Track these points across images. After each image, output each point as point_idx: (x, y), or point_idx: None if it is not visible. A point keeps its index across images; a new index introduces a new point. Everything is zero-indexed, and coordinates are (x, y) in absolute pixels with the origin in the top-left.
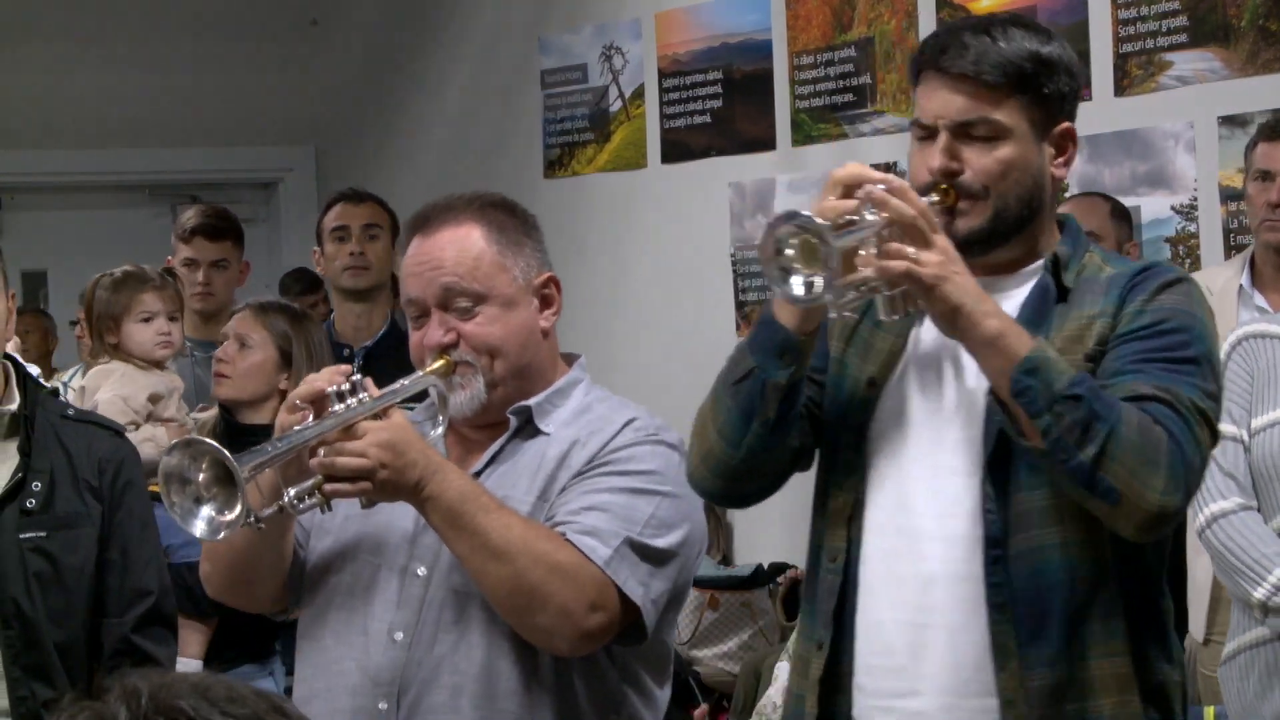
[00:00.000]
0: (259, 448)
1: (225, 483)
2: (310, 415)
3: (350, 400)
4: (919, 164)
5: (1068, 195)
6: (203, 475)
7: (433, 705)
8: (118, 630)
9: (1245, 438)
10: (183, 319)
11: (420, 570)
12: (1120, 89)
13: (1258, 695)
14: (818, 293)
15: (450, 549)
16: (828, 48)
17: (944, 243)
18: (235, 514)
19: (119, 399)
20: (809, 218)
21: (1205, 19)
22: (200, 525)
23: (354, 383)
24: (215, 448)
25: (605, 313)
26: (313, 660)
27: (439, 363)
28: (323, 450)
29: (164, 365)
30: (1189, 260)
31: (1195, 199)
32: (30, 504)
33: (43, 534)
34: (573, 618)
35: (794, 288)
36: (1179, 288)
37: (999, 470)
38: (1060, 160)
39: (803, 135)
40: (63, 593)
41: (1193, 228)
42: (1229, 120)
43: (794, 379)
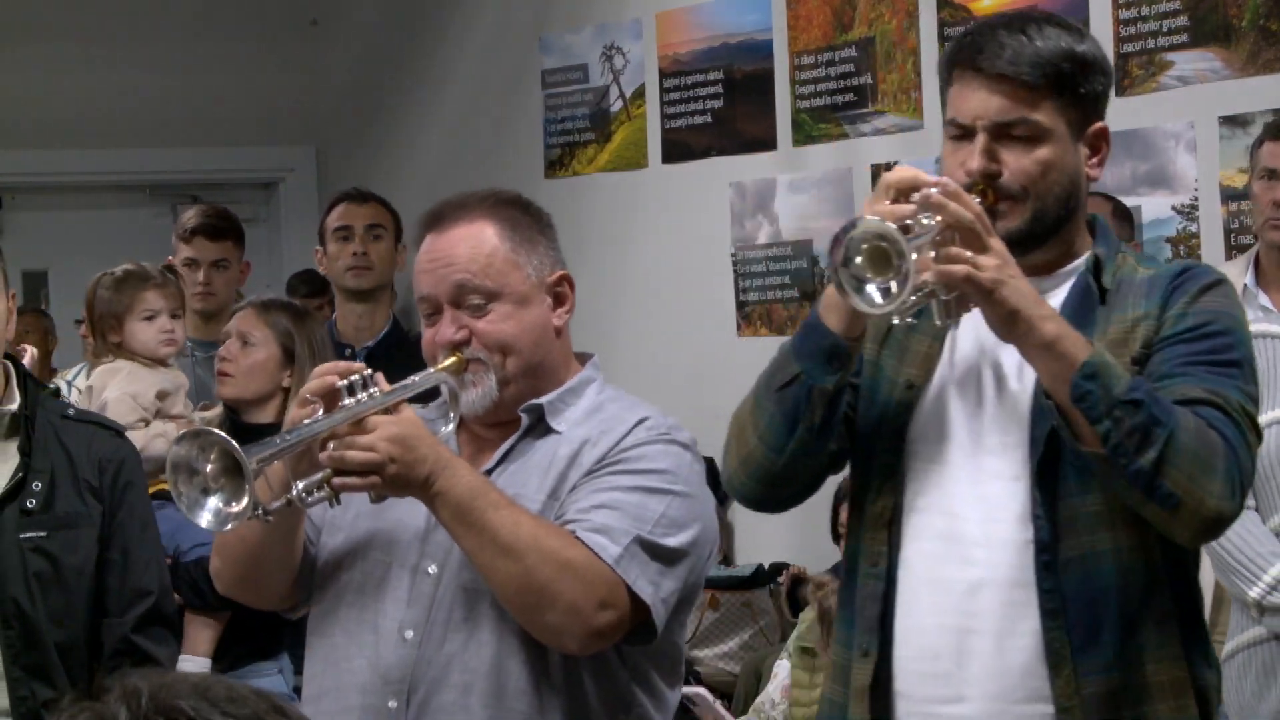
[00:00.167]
0: (268, 440)
1: (233, 474)
2: (320, 409)
3: (361, 395)
4: (954, 164)
5: None
6: (210, 466)
7: (442, 704)
8: (118, 630)
9: None
10: (185, 316)
11: (431, 568)
12: (1121, 89)
13: (1255, 695)
14: (897, 298)
15: (459, 545)
16: (828, 48)
17: (1000, 245)
18: (242, 506)
19: (128, 397)
20: (880, 223)
21: (1206, 19)
22: (207, 516)
23: (365, 377)
24: (223, 438)
25: (606, 313)
26: (322, 657)
27: (451, 360)
28: (332, 444)
29: (167, 363)
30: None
31: (1196, 199)
32: (30, 504)
33: (43, 534)
34: (582, 615)
35: (873, 296)
36: (1219, 289)
37: (1047, 475)
38: (1094, 160)
39: (803, 135)
40: (63, 593)
41: (1193, 228)
42: (1230, 120)
43: (840, 384)
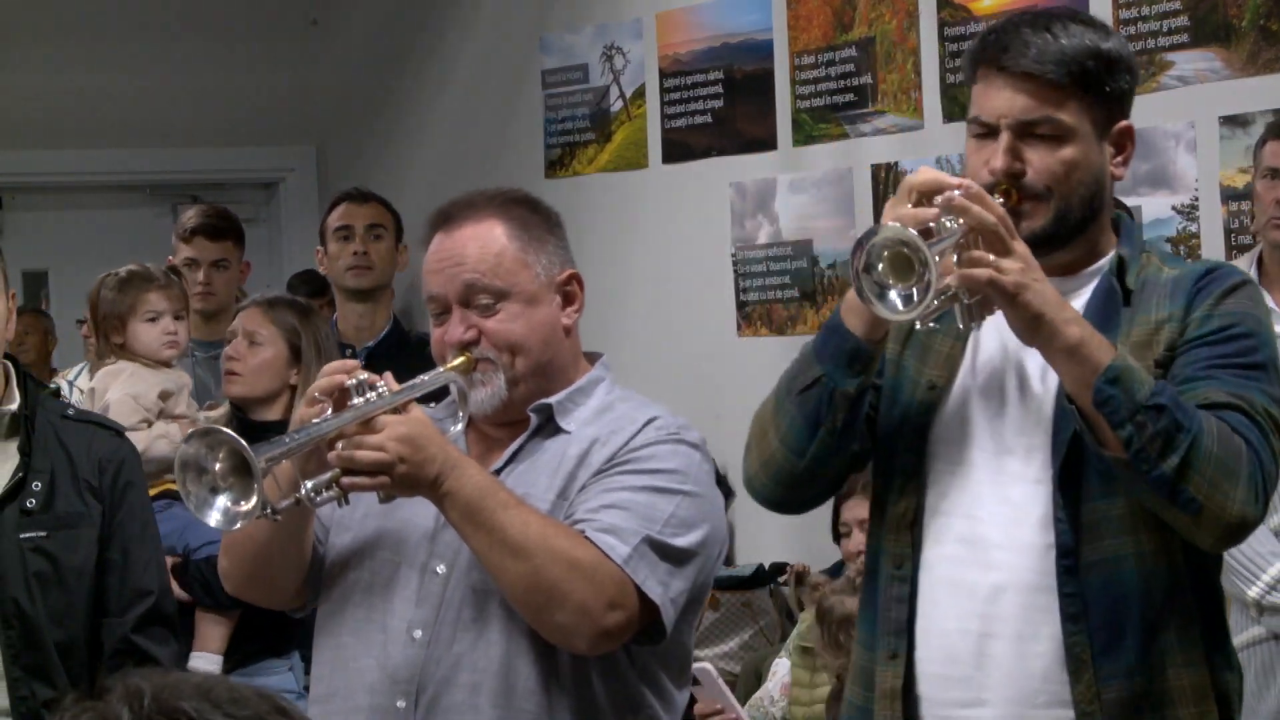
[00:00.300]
0: (277, 439)
1: (242, 473)
2: (329, 408)
3: (369, 394)
4: (977, 162)
5: None
6: (219, 465)
7: (451, 704)
8: (118, 630)
9: None
10: (188, 317)
11: (440, 568)
12: None
13: (1254, 694)
14: (919, 305)
15: (468, 545)
16: (828, 47)
17: (1023, 249)
18: (251, 505)
19: (129, 398)
20: (902, 229)
21: (1206, 19)
22: (215, 515)
23: (373, 378)
24: (232, 437)
25: (606, 313)
26: (330, 657)
27: (460, 359)
28: (341, 443)
29: (171, 364)
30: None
31: (1196, 199)
32: (30, 504)
33: (43, 534)
34: (591, 615)
35: (896, 303)
36: (1244, 291)
37: (1069, 479)
38: (1119, 159)
39: (804, 135)
40: (63, 592)
41: (1194, 228)
42: (1230, 120)
43: (862, 387)
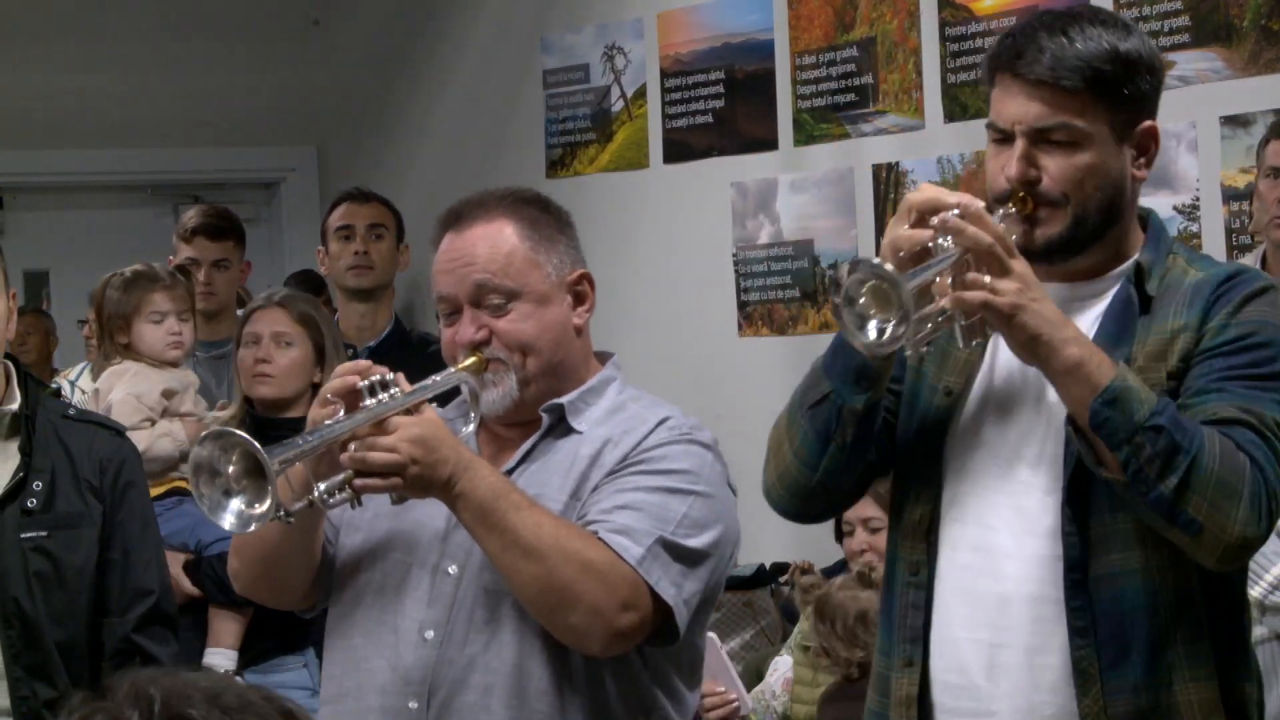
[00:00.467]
0: (289, 441)
1: (255, 475)
2: (341, 409)
3: (382, 395)
4: (995, 168)
5: None
6: (233, 467)
7: (463, 705)
8: (119, 630)
9: None
10: (194, 318)
11: (451, 568)
12: None
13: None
14: (892, 337)
15: (481, 547)
16: (829, 47)
17: (1021, 268)
18: (265, 507)
19: (131, 398)
20: (879, 265)
21: (1207, 19)
22: (229, 518)
23: (385, 378)
24: (246, 440)
25: (607, 313)
26: (342, 658)
27: (471, 360)
28: (354, 445)
29: (177, 364)
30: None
31: (1197, 199)
32: (31, 503)
33: (44, 533)
34: (604, 617)
35: (869, 333)
36: (1265, 298)
37: (1078, 490)
38: (1142, 161)
39: (805, 135)
40: (64, 592)
41: (1195, 228)
42: (1231, 120)
43: (871, 403)
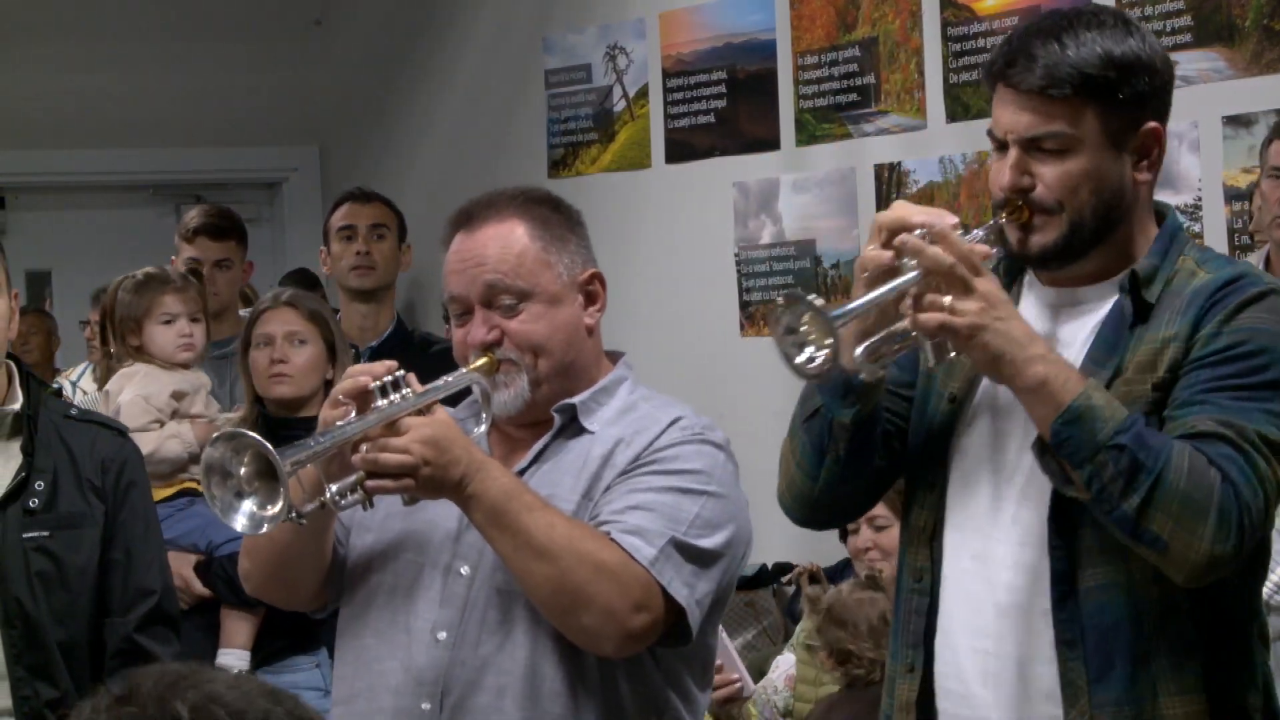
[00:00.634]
0: (302, 442)
1: (267, 477)
2: (353, 410)
3: (393, 396)
4: (996, 176)
5: None
6: (245, 469)
7: (477, 706)
8: (121, 630)
9: None
10: (205, 320)
11: (464, 569)
12: None
13: None
14: (818, 368)
15: (493, 548)
16: (831, 47)
17: (986, 286)
18: (277, 509)
19: (140, 399)
20: (808, 302)
21: (1210, 19)
22: (241, 519)
23: (397, 378)
24: (258, 441)
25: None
26: (353, 659)
27: (482, 360)
28: (365, 446)
29: (189, 366)
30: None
31: (1200, 199)
32: (33, 503)
33: (46, 533)
34: (617, 618)
35: (798, 356)
36: (1264, 303)
37: (1066, 502)
38: (1145, 163)
39: (807, 135)
40: (66, 592)
41: (1197, 228)
42: (1233, 120)
43: (861, 417)
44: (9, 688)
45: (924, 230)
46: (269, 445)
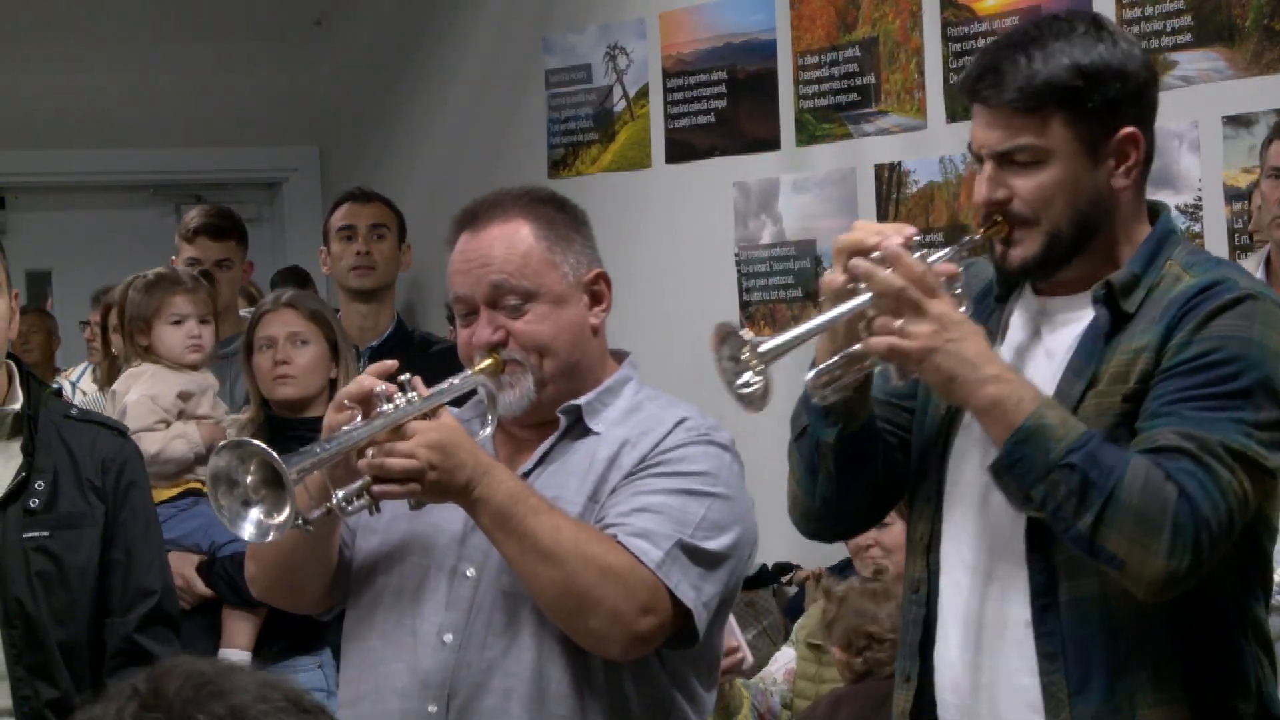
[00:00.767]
0: (307, 449)
1: (273, 485)
2: (358, 415)
3: (399, 400)
4: (975, 190)
5: None
6: (250, 477)
7: (483, 709)
8: (121, 630)
9: None
10: (215, 322)
11: (469, 571)
12: None
13: None
14: (751, 395)
15: (500, 551)
16: (832, 47)
17: (940, 308)
18: (283, 517)
19: (147, 399)
20: (739, 336)
21: (1210, 19)
22: (248, 528)
23: (402, 382)
24: (263, 449)
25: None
26: (359, 661)
27: (488, 361)
28: (371, 451)
29: (197, 367)
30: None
31: (1200, 199)
32: (33, 503)
33: (46, 533)
34: (624, 621)
35: (737, 382)
36: (1237, 309)
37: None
38: (1122, 169)
39: (807, 135)
40: (66, 592)
41: (1197, 228)
42: (1233, 120)
43: (846, 435)
44: (9, 688)
45: (879, 253)
46: (275, 454)
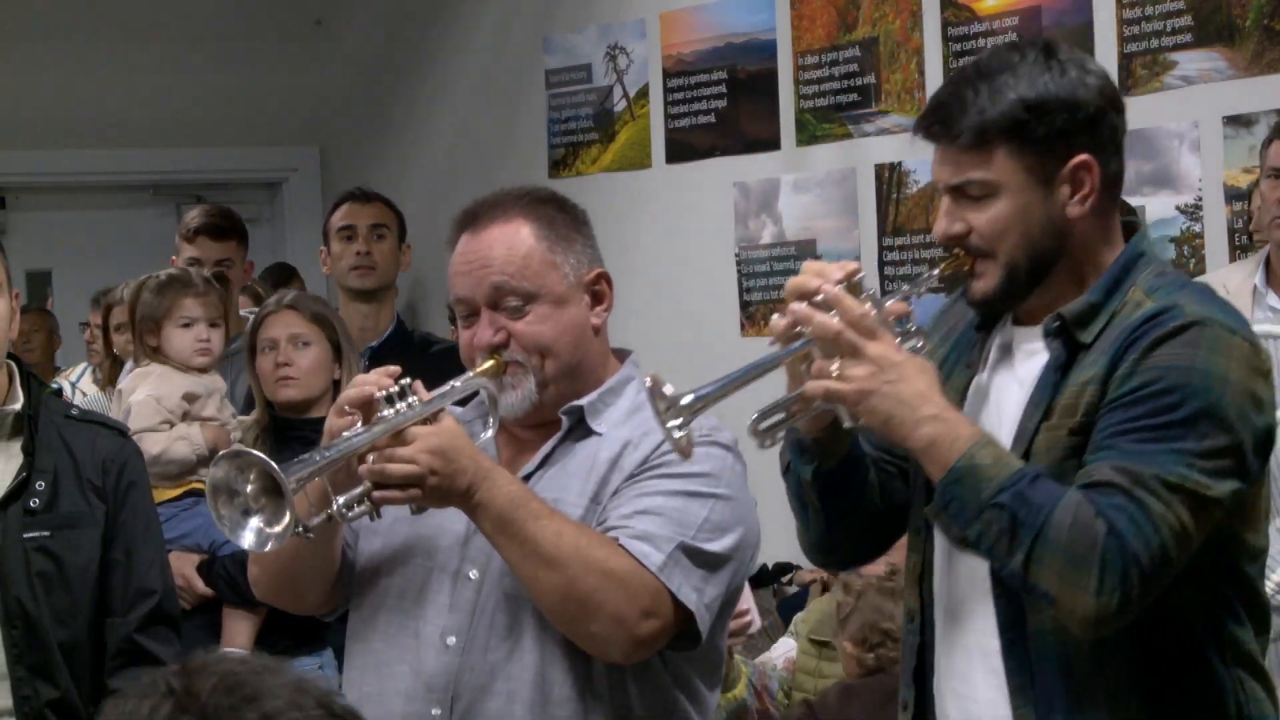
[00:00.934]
0: (307, 457)
1: (273, 493)
2: (359, 420)
3: (399, 405)
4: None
5: None
6: (250, 486)
7: (486, 711)
8: (121, 630)
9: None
10: (225, 325)
11: (472, 573)
12: (1125, 89)
13: None
14: (679, 441)
15: (501, 555)
16: (832, 47)
17: (877, 350)
18: (283, 525)
19: (151, 399)
20: (663, 395)
21: (1210, 19)
22: (249, 537)
23: (403, 386)
24: (262, 459)
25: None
26: (362, 663)
27: (489, 363)
28: (372, 457)
29: (205, 370)
30: (1194, 260)
31: (1200, 199)
32: (34, 503)
33: (46, 533)
34: (626, 625)
35: (670, 424)
36: (1182, 337)
37: None
38: (1077, 197)
39: (807, 135)
40: (66, 592)
41: (1197, 228)
42: (1234, 120)
43: (821, 471)
44: (10, 687)
45: (822, 295)
46: (273, 463)
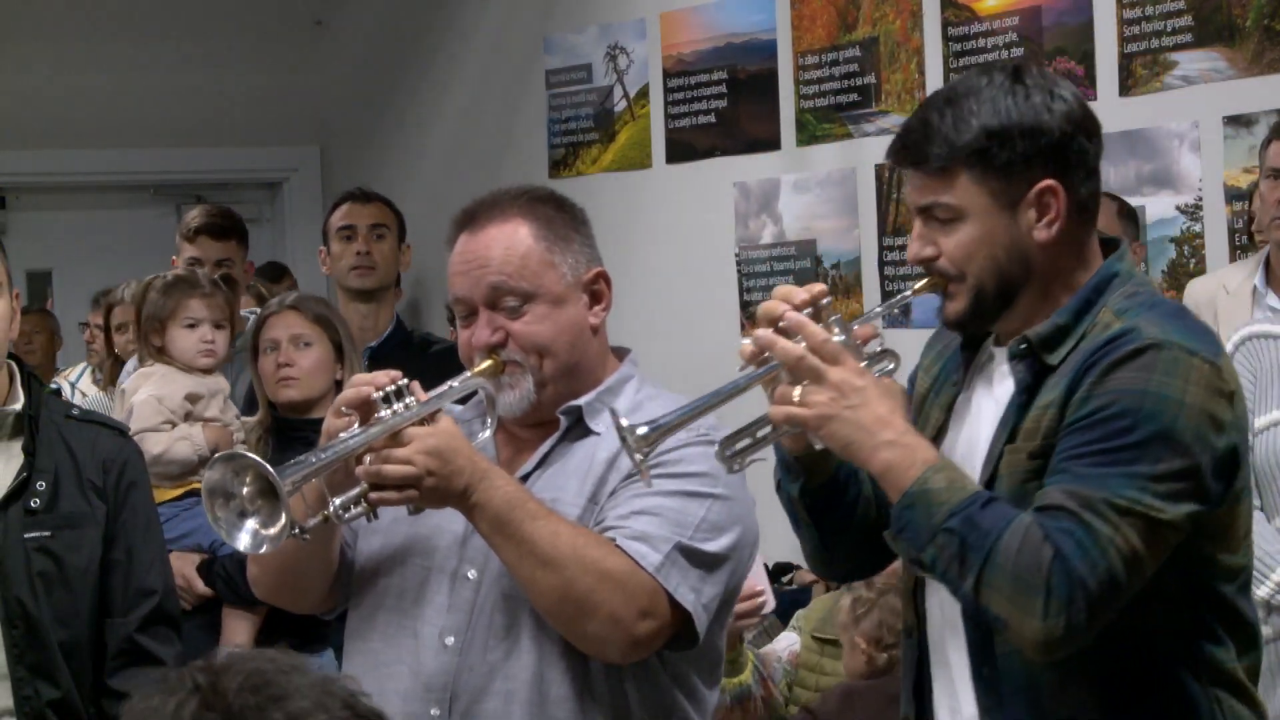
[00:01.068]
0: (303, 459)
1: (269, 496)
2: (356, 421)
3: (396, 405)
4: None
5: None
6: (246, 489)
7: (485, 712)
8: (122, 630)
9: (1249, 438)
10: (230, 327)
11: (471, 573)
12: (1125, 89)
13: (1263, 693)
14: (638, 464)
15: (499, 556)
16: (832, 47)
17: (840, 375)
18: (279, 527)
19: (153, 399)
20: (625, 428)
21: (1210, 19)
22: (245, 539)
23: (400, 387)
24: (257, 462)
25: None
26: (361, 663)
27: (487, 363)
28: (369, 458)
29: (209, 371)
30: (1194, 260)
31: (1200, 199)
32: (35, 504)
33: (47, 533)
34: (623, 625)
35: (633, 453)
36: (1138, 360)
37: None
38: (1043, 221)
39: (807, 135)
40: (67, 592)
41: (1197, 227)
42: (1234, 120)
43: (806, 489)
44: (10, 687)
45: (786, 321)
46: (268, 466)
